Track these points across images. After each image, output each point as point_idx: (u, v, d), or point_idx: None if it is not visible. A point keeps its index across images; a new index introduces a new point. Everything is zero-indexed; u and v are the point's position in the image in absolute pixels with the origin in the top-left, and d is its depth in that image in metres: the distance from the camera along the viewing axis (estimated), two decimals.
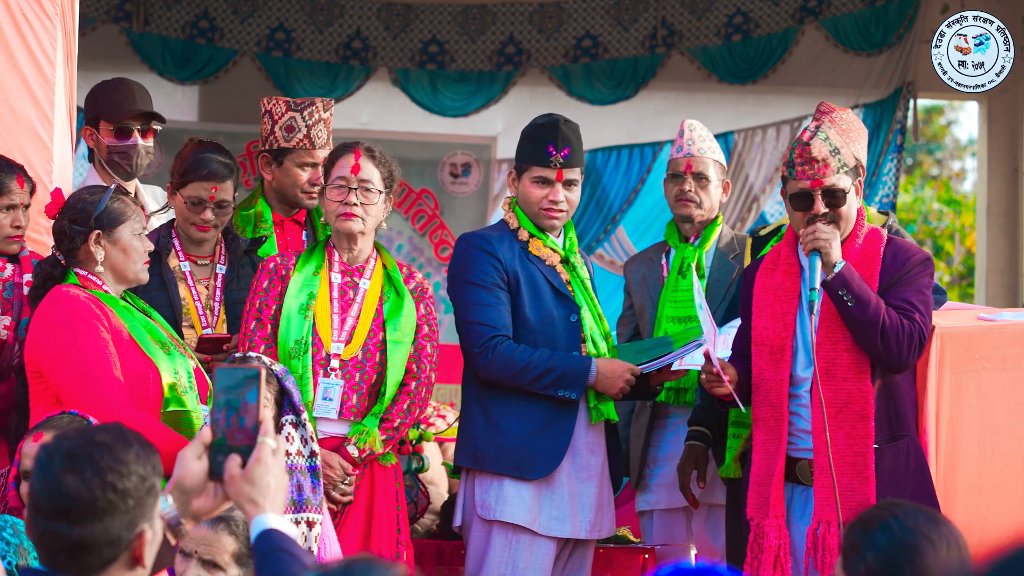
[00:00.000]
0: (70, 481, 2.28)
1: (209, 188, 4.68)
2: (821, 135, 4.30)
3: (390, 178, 4.60)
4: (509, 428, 4.66)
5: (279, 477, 2.49)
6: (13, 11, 4.57)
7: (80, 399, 3.92)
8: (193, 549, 3.75)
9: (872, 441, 4.22)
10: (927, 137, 18.30)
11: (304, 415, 4.19)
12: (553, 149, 4.73)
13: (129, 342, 4.09)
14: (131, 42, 8.92)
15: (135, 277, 4.22)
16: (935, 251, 15.78)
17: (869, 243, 4.33)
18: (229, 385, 2.48)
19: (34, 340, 4.08)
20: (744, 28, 8.92)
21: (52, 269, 4.19)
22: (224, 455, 2.47)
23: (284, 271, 4.51)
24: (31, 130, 4.59)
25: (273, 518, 2.45)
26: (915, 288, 4.27)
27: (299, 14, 9.06)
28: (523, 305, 4.72)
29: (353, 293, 4.56)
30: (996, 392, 4.48)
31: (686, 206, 5.18)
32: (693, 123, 5.31)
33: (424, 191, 9.13)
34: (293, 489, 4.09)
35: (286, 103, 4.95)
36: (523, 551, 4.63)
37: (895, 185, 8.85)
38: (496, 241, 4.77)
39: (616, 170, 8.99)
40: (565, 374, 4.62)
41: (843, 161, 4.27)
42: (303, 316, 4.47)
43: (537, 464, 4.65)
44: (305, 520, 4.10)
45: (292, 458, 4.14)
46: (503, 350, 4.62)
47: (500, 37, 9.08)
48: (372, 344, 4.52)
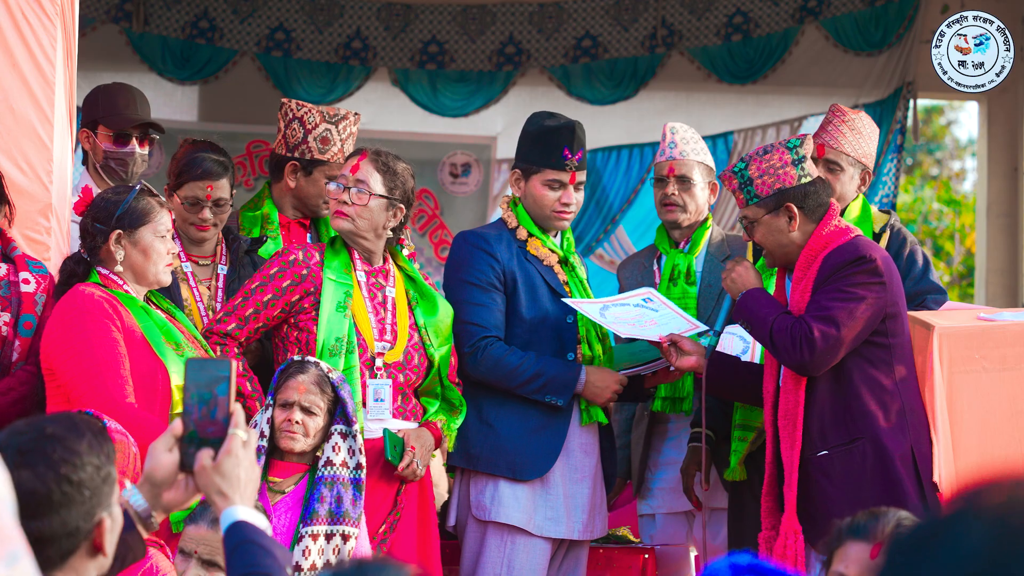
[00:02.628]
0: (23, 476, 2.27)
1: (205, 187, 4.68)
2: (737, 167, 4.46)
3: (396, 186, 4.51)
4: (503, 428, 4.66)
5: (249, 469, 2.49)
6: (13, 11, 4.57)
7: (87, 398, 3.93)
8: (193, 549, 3.75)
9: (799, 451, 4.31)
10: (927, 137, 18.29)
11: (356, 426, 4.19)
12: (569, 153, 4.73)
13: (141, 341, 4.10)
14: (131, 42, 8.92)
15: (155, 279, 4.22)
16: (935, 251, 15.77)
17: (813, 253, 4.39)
18: (200, 378, 2.48)
19: (48, 338, 4.10)
20: (744, 28, 8.92)
21: (76, 266, 4.21)
22: (195, 447, 2.47)
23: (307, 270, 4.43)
24: (31, 130, 4.59)
25: (243, 510, 2.45)
26: (832, 288, 4.31)
27: (299, 14, 9.05)
28: (519, 305, 4.72)
29: (382, 296, 4.52)
30: (996, 392, 4.48)
31: (671, 210, 5.17)
32: (676, 126, 5.28)
33: (424, 191, 9.13)
34: (332, 501, 4.09)
35: (320, 113, 4.92)
36: (519, 552, 4.63)
37: (895, 185, 8.85)
38: (494, 240, 4.76)
39: (616, 170, 9.00)
40: (552, 380, 4.63)
41: (753, 192, 4.42)
42: (342, 314, 4.41)
43: (531, 465, 4.65)
44: (340, 533, 4.09)
45: (336, 469, 4.14)
46: (492, 352, 4.62)
47: (500, 37, 9.08)
48: (411, 346, 4.51)
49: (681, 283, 5.08)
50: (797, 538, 4.26)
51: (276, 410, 4.15)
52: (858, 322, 4.29)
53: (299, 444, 4.14)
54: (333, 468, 4.13)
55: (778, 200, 4.41)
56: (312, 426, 4.14)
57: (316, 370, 4.19)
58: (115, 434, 3.59)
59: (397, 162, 4.54)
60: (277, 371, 4.22)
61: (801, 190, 4.42)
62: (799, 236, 4.41)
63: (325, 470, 4.12)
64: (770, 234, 4.43)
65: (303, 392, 4.15)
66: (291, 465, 4.16)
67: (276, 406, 4.15)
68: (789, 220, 4.41)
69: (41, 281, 4.39)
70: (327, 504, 4.08)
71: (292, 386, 4.15)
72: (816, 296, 4.33)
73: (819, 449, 4.33)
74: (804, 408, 4.31)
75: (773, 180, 4.41)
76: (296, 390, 4.15)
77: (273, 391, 4.16)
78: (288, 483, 4.14)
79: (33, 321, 4.34)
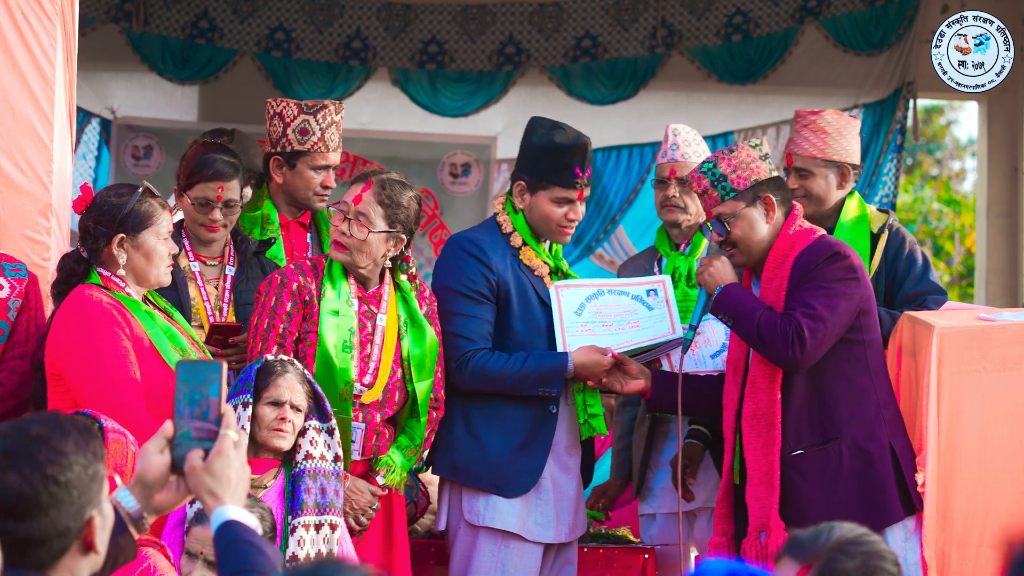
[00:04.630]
0: (10, 479, 2.28)
1: (216, 188, 4.68)
2: (704, 167, 4.48)
3: (397, 219, 4.44)
4: (491, 443, 4.63)
5: (240, 470, 2.50)
6: (13, 11, 4.57)
7: (97, 403, 3.91)
8: (199, 550, 3.75)
9: (777, 450, 4.32)
10: (927, 137, 18.28)
11: (332, 421, 4.20)
12: (579, 171, 4.69)
13: (150, 350, 4.09)
14: (131, 42, 8.91)
15: (157, 280, 4.22)
16: (935, 251, 15.77)
17: (782, 253, 4.42)
18: (192, 379, 2.50)
19: (54, 342, 4.07)
20: (744, 28, 8.92)
21: (76, 266, 4.19)
22: (186, 448, 2.48)
23: (308, 295, 4.40)
24: (31, 130, 4.59)
25: (234, 510, 2.47)
26: (813, 285, 4.33)
27: (299, 14, 9.05)
28: (512, 316, 4.68)
29: (371, 326, 4.49)
30: (996, 392, 4.48)
31: (672, 211, 5.17)
32: (678, 127, 5.27)
33: (424, 191, 9.12)
34: (317, 492, 4.11)
35: (297, 105, 4.92)
36: (512, 557, 4.63)
37: (895, 185, 8.84)
38: (490, 247, 4.70)
39: (616, 170, 8.99)
40: (542, 374, 4.60)
41: (729, 187, 4.43)
42: (348, 355, 4.38)
43: (514, 483, 4.64)
44: (328, 523, 4.11)
45: (316, 462, 4.15)
46: (476, 364, 4.59)
47: (500, 37, 9.08)
48: (392, 384, 4.48)
49: (682, 285, 5.08)
50: (780, 536, 4.26)
51: (262, 408, 4.14)
52: (841, 317, 4.33)
53: (287, 442, 4.15)
54: (313, 461, 4.14)
55: (755, 192, 4.45)
56: (298, 423, 4.16)
57: (294, 368, 4.20)
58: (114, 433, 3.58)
59: (403, 193, 4.46)
60: (251, 369, 4.18)
61: (776, 181, 4.49)
62: (770, 231, 4.44)
63: (306, 463, 4.14)
64: (748, 228, 4.45)
65: (293, 391, 4.15)
66: (266, 461, 4.17)
67: (263, 404, 4.14)
68: (766, 211, 4.45)
69: (16, 285, 4.34)
70: (313, 495, 4.10)
71: (283, 385, 4.15)
72: (797, 293, 4.35)
73: (794, 448, 4.36)
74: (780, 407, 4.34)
75: (748, 173, 4.45)
76: (288, 389, 4.15)
77: (251, 389, 4.14)
78: (267, 478, 4.16)
79: (5, 328, 4.30)
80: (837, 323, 4.32)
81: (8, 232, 4.54)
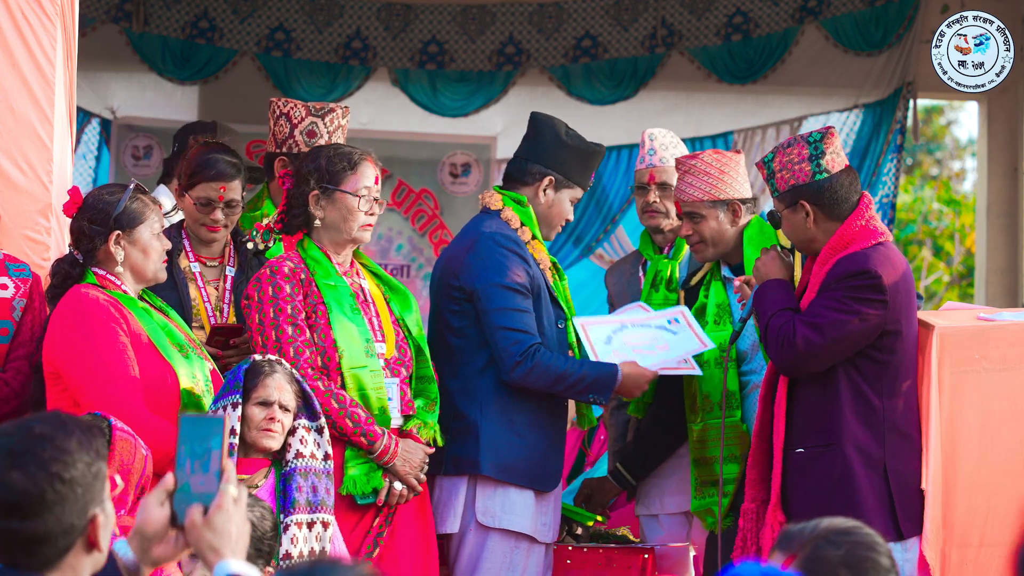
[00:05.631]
0: (15, 477, 2.28)
1: (218, 188, 4.67)
2: (767, 157, 4.50)
3: None
4: (533, 440, 4.69)
5: (240, 525, 2.50)
6: (13, 11, 4.57)
7: (96, 402, 3.92)
8: None
9: (781, 444, 4.38)
10: (927, 137, 18.28)
11: (322, 420, 4.20)
12: (592, 176, 4.90)
13: (148, 346, 4.09)
14: (131, 42, 8.91)
15: (154, 276, 4.23)
16: (935, 251, 15.77)
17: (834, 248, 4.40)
18: (193, 433, 2.49)
19: (52, 342, 4.07)
20: (744, 28, 8.92)
21: (71, 268, 4.19)
22: (186, 502, 2.47)
23: (303, 274, 4.41)
24: (31, 130, 4.59)
25: (235, 563, 2.46)
26: (832, 297, 4.33)
27: (299, 14, 9.05)
28: (540, 311, 4.74)
29: (363, 294, 4.53)
30: (996, 392, 4.48)
31: (653, 217, 5.17)
32: (654, 132, 5.26)
33: (424, 191, 9.13)
34: (308, 490, 4.12)
35: (305, 107, 4.91)
36: (521, 557, 4.67)
37: (895, 185, 8.84)
38: (522, 245, 4.76)
39: (616, 170, 8.99)
40: (595, 381, 4.65)
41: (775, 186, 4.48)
42: (358, 316, 4.42)
43: (552, 479, 4.76)
44: (320, 521, 4.12)
45: (306, 460, 4.16)
46: (541, 359, 4.60)
47: (500, 37, 9.08)
48: (400, 340, 4.53)
49: (663, 289, 5.09)
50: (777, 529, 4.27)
51: (251, 408, 4.13)
52: (847, 335, 4.31)
53: (276, 442, 4.15)
54: (304, 460, 4.15)
55: (793, 196, 4.43)
56: (287, 423, 4.16)
57: (282, 367, 4.20)
58: (122, 433, 3.59)
59: None
60: (239, 370, 4.18)
61: (814, 187, 4.41)
62: (821, 232, 4.42)
63: (297, 462, 4.15)
64: (792, 229, 4.48)
65: (281, 390, 4.15)
66: (255, 461, 4.17)
67: (251, 404, 4.14)
68: (806, 216, 4.42)
69: (20, 285, 4.35)
70: (305, 493, 4.11)
71: (272, 385, 4.14)
72: (816, 299, 4.36)
73: (796, 447, 4.39)
74: (787, 405, 4.39)
75: (789, 176, 4.43)
76: (276, 388, 4.15)
77: (240, 390, 4.14)
78: (257, 478, 4.16)
79: (10, 327, 4.31)
80: (843, 340, 4.31)
81: (8, 232, 4.54)
